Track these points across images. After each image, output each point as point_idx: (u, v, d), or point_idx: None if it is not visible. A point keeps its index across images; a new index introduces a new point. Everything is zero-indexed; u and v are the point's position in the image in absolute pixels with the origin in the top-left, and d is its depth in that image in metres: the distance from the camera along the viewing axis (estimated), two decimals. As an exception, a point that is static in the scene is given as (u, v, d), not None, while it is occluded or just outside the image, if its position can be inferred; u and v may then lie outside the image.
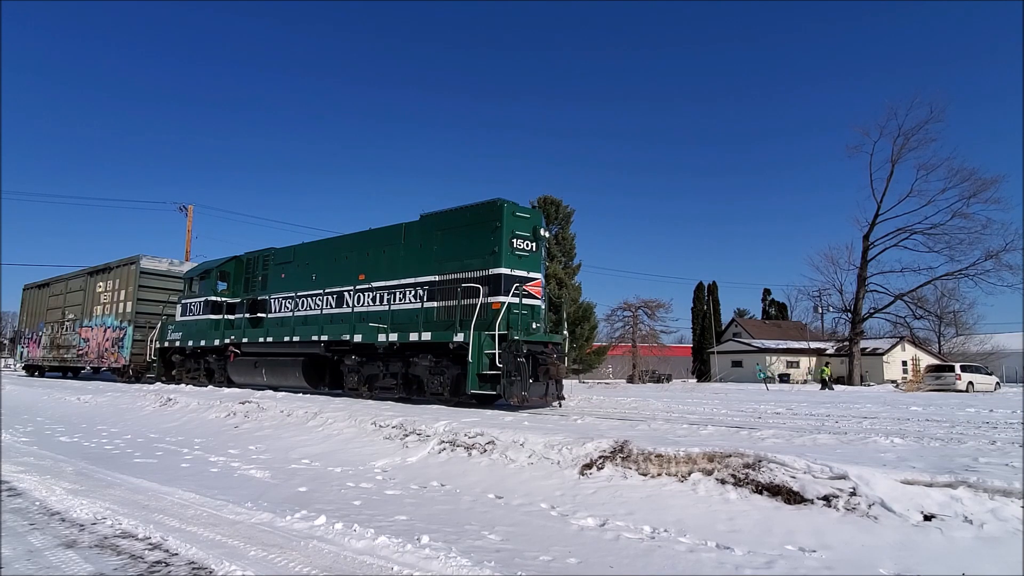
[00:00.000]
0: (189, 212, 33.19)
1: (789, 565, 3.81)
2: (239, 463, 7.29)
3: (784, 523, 4.44)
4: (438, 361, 11.43)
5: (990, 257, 37.75)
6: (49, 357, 25.56)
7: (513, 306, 10.89)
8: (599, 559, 3.95)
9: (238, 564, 3.72)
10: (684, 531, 4.45)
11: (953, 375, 31.86)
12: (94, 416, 12.30)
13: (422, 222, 12.65)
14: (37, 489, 5.82)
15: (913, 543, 3.99)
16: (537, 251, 11.70)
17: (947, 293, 46.54)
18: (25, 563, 3.80)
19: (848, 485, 4.62)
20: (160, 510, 5.09)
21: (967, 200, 37.64)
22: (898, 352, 45.63)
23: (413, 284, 12.35)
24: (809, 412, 12.40)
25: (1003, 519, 4.07)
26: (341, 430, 8.56)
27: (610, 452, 5.98)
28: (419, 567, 3.69)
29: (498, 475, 6.18)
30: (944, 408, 14.22)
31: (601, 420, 8.89)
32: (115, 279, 22.07)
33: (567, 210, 39.36)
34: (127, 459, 7.71)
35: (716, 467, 5.32)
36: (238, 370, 15.76)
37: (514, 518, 4.94)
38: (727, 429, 7.79)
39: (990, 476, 4.49)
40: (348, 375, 13.24)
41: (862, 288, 41.23)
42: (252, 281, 16.56)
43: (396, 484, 6.16)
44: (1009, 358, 52.58)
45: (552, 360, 10.83)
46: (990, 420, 11.07)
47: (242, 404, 10.85)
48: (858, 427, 9.01)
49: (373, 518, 4.84)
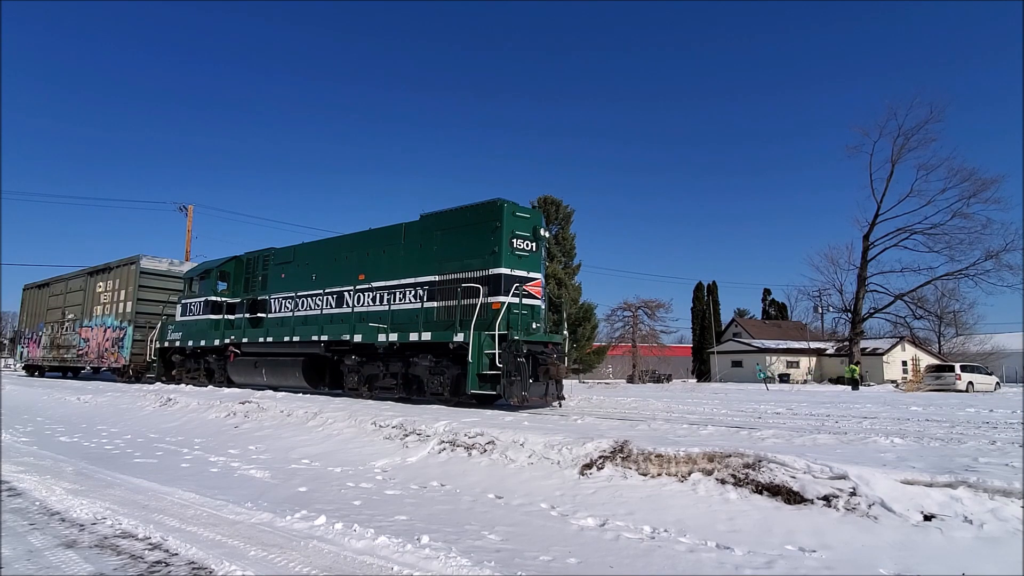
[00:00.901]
0: (189, 212, 33.21)
1: (789, 565, 3.81)
2: (239, 463, 7.29)
3: (784, 523, 4.44)
4: (438, 361, 11.43)
5: (990, 257, 37.90)
6: (49, 357, 25.55)
7: (513, 306, 10.89)
8: (599, 559, 3.95)
9: (238, 564, 3.72)
10: (684, 531, 4.45)
11: (953, 375, 31.85)
12: (94, 416, 12.30)
13: (422, 222, 12.65)
14: (37, 489, 5.82)
15: (913, 543, 3.99)
16: (537, 251, 11.70)
17: (947, 293, 46.63)
18: (25, 563, 3.80)
19: (848, 485, 4.62)
20: (160, 510, 5.09)
21: (967, 200, 37.82)
22: (898, 352, 45.68)
23: (413, 284, 12.35)
24: (809, 412, 12.41)
25: (1003, 519, 4.08)
26: (341, 430, 8.56)
27: (610, 452, 5.98)
28: (419, 567, 3.69)
29: (498, 475, 6.18)
30: (944, 408, 14.22)
31: (601, 420, 8.89)
32: (115, 279, 22.07)
33: (567, 210, 39.39)
34: (127, 459, 7.71)
35: (716, 467, 5.32)
36: (238, 370, 15.76)
37: (514, 518, 4.94)
38: (727, 429, 7.79)
39: (990, 476, 4.49)
40: (348, 375, 13.25)
41: (862, 288, 41.29)
42: (252, 281, 16.57)
43: (396, 484, 6.16)
44: (1009, 358, 52.57)
45: (552, 360, 10.83)
46: (990, 420, 11.06)
47: (242, 404, 10.85)
48: (858, 427, 9.01)
49: (373, 518, 4.84)
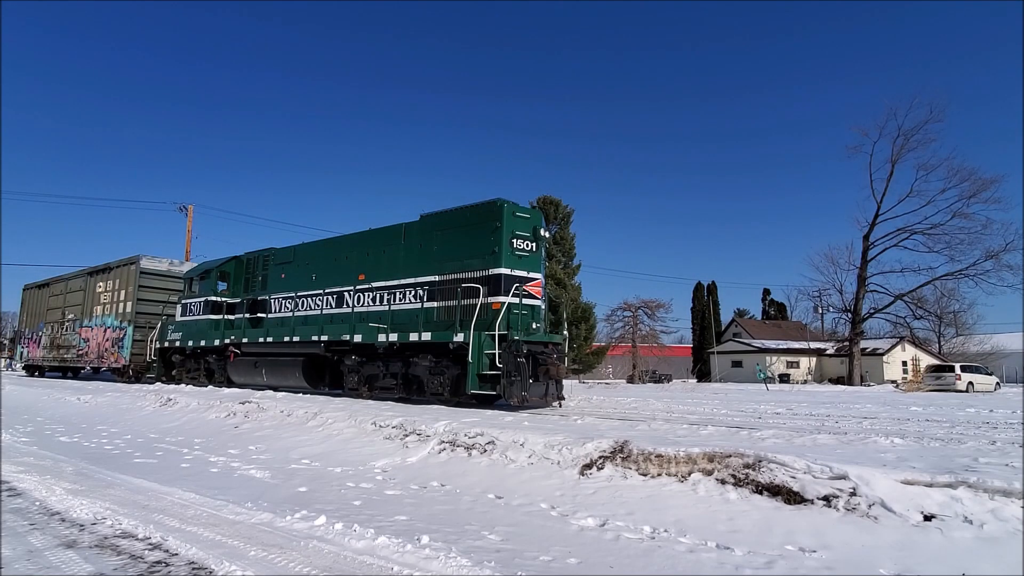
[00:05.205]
0: (189, 212, 33.22)
1: (789, 565, 3.81)
2: (239, 463, 7.29)
3: (784, 523, 4.44)
4: (438, 361, 11.43)
5: (990, 257, 37.79)
6: (49, 357, 25.56)
7: (513, 306, 10.89)
8: (599, 559, 3.95)
9: (238, 564, 3.72)
10: (684, 531, 4.45)
11: (953, 375, 31.84)
12: (94, 416, 12.30)
13: (422, 222, 12.65)
14: (37, 489, 5.82)
15: (913, 543, 3.99)
16: (537, 251, 11.70)
17: (947, 293, 46.43)
18: (25, 563, 3.80)
19: (848, 485, 4.62)
20: (160, 510, 5.08)
21: (967, 200, 37.68)
22: (898, 352, 45.68)
23: (413, 284, 12.35)
24: (809, 412, 12.41)
25: (1003, 519, 4.08)
26: (341, 430, 8.56)
27: (610, 452, 5.98)
28: (419, 567, 3.69)
29: (498, 475, 6.18)
30: (944, 408, 14.22)
31: (601, 420, 8.89)
32: (115, 279, 22.07)
33: (567, 210, 39.44)
34: (127, 459, 7.71)
35: (716, 467, 5.31)
36: (238, 370, 15.76)
37: (514, 518, 4.94)
38: (727, 429, 7.78)
39: (990, 476, 4.48)
40: (348, 375, 13.24)
41: (862, 288, 41.23)
42: (252, 281, 16.56)
43: (396, 484, 6.16)
44: (1009, 358, 52.59)
45: (552, 360, 10.83)
46: (990, 420, 11.06)
47: (242, 404, 10.85)
48: (858, 427, 9.01)
49: (373, 518, 4.84)
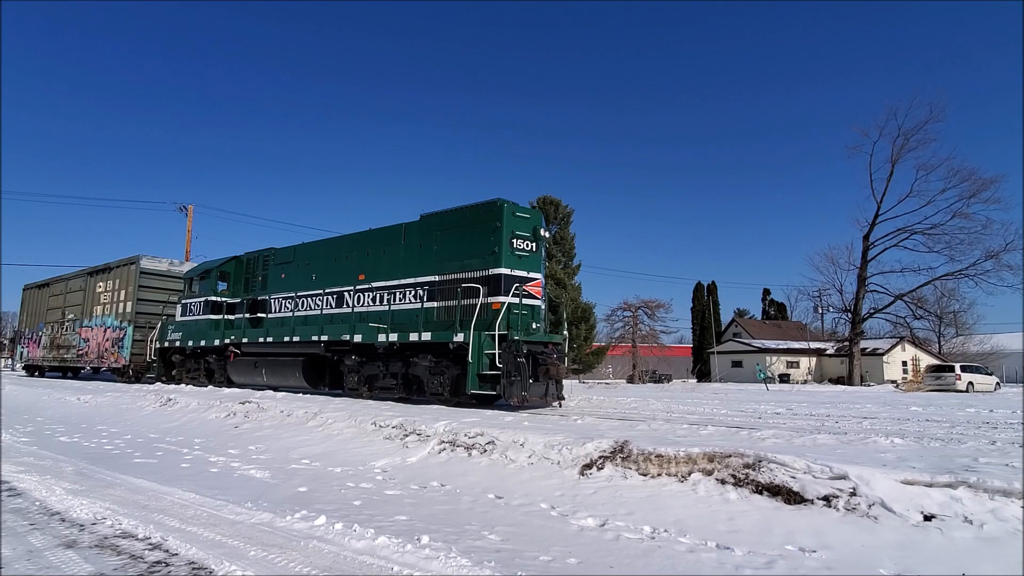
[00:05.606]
0: (189, 212, 33.22)
1: (789, 565, 3.81)
2: (239, 463, 7.29)
3: (784, 523, 4.44)
4: (438, 361, 11.43)
5: (990, 257, 37.77)
6: (49, 357, 25.55)
7: (513, 306, 10.89)
8: (599, 559, 3.95)
9: (238, 564, 3.72)
10: (684, 531, 4.45)
11: (953, 375, 31.85)
12: (94, 416, 12.30)
13: (422, 222, 12.65)
14: (37, 489, 5.82)
15: (913, 543, 3.99)
16: (537, 251, 11.70)
17: (947, 293, 46.48)
18: (25, 563, 3.80)
19: (848, 485, 4.62)
20: (160, 510, 5.08)
21: (967, 200, 37.66)
22: (898, 352, 45.66)
23: (413, 284, 12.35)
24: (809, 412, 12.40)
25: (1003, 519, 4.08)
26: (341, 430, 8.56)
27: (610, 452, 5.98)
28: (419, 567, 3.69)
29: (498, 475, 6.18)
30: (944, 408, 14.22)
31: (601, 420, 8.89)
32: (115, 279, 22.07)
33: (567, 210, 39.41)
34: (127, 459, 7.71)
35: (716, 467, 5.31)
36: (238, 370, 15.76)
37: (514, 518, 4.94)
38: (727, 429, 7.79)
39: (990, 476, 4.48)
40: (348, 375, 13.24)
41: (862, 288, 41.22)
42: (252, 281, 16.56)
43: (396, 484, 6.16)
44: (1009, 358, 52.57)
45: (552, 360, 10.83)
46: (990, 420, 11.06)
47: (242, 404, 10.85)
48: (858, 427, 9.01)
49: (373, 518, 4.84)
